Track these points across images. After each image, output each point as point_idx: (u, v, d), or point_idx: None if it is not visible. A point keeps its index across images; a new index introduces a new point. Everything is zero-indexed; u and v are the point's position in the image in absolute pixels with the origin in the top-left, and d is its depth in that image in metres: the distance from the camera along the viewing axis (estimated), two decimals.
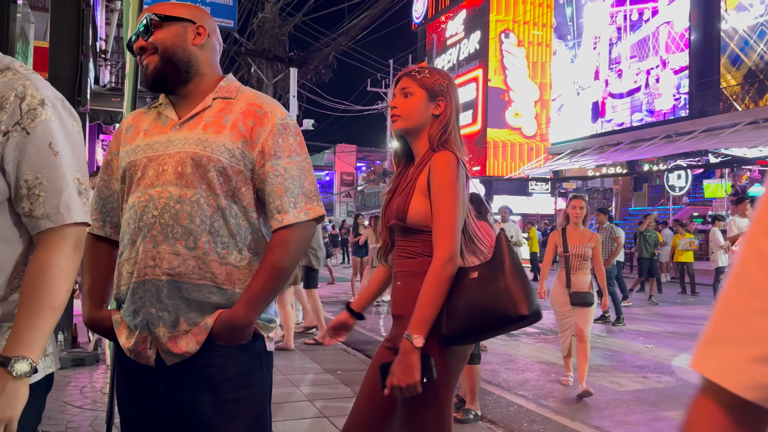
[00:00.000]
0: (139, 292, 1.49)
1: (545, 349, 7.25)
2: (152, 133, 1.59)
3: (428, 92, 1.95)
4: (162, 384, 1.52)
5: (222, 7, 10.52)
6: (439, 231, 1.80)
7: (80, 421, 3.82)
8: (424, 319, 1.74)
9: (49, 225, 1.24)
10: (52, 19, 5.55)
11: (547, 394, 5.24)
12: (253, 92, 1.66)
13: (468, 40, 30.81)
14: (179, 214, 1.48)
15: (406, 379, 1.71)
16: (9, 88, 1.24)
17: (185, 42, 1.58)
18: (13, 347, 1.17)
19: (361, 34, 12.69)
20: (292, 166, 1.56)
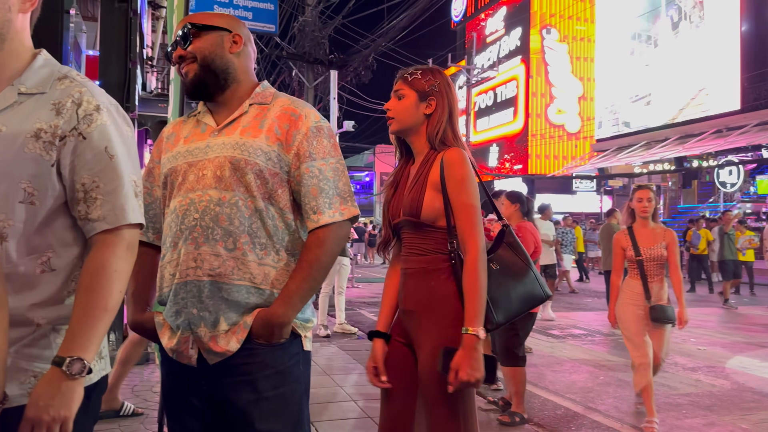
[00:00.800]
0: (181, 293, 1.54)
1: (592, 351, 7.11)
2: (192, 140, 1.64)
3: (418, 93, 2.02)
4: (204, 382, 1.57)
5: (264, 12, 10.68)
6: (468, 224, 1.89)
7: (132, 418, 3.92)
8: (479, 311, 1.82)
9: (105, 226, 1.27)
10: (101, 29, 5.73)
11: (595, 397, 5.13)
12: (287, 97, 1.71)
13: (508, 37, 30.49)
14: (219, 216, 1.53)
15: (475, 374, 1.76)
16: (66, 95, 1.28)
17: (223, 50, 1.64)
18: (68, 347, 1.20)
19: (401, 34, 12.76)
20: (327, 168, 1.61)
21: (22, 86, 1.28)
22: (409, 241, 2.02)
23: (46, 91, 1.29)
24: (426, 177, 1.96)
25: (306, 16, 12.45)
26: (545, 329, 8.32)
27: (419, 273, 1.97)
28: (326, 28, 12.54)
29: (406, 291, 2.01)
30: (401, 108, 2.03)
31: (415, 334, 1.98)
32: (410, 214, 1.96)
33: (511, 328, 4.32)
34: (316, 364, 5.73)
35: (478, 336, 1.80)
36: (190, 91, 1.65)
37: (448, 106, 2.03)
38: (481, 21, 32.84)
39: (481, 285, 1.84)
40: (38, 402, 1.16)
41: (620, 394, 5.20)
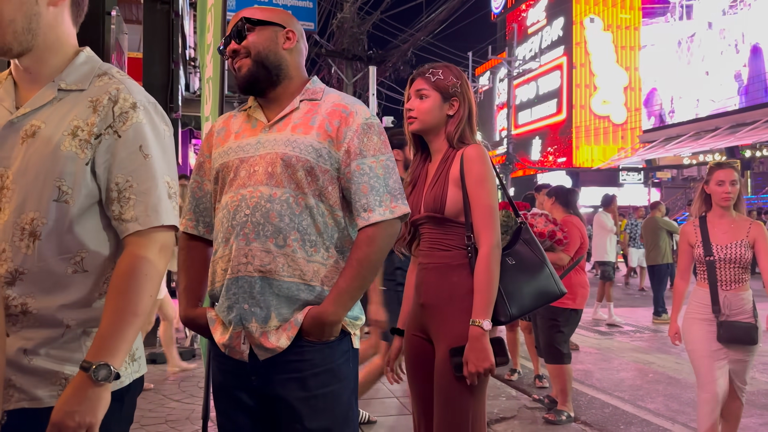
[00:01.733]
0: (233, 288, 1.54)
1: (641, 348, 6.91)
2: (243, 136, 1.64)
3: (442, 94, 2.03)
4: (255, 378, 1.57)
5: (302, 10, 10.76)
6: (483, 219, 1.92)
7: (178, 415, 3.99)
8: (487, 304, 1.87)
9: (137, 228, 1.24)
10: (144, 31, 5.85)
11: (644, 394, 4.99)
12: (338, 93, 1.70)
13: (550, 27, 29.97)
14: (270, 212, 1.53)
15: (483, 364, 1.82)
16: (103, 92, 1.26)
17: (276, 46, 1.63)
18: (95, 353, 1.18)
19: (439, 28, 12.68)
20: (377, 165, 1.59)
21: (63, 82, 1.27)
22: (431, 236, 2.04)
23: (86, 88, 1.27)
24: (447, 174, 1.99)
25: (344, 13, 12.47)
26: (592, 325, 8.14)
27: (442, 268, 2.00)
28: (364, 24, 12.53)
29: (427, 285, 2.03)
30: (425, 108, 2.04)
31: (434, 328, 2.00)
32: (434, 210, 1.98)
33: (555, 325, 4.23)
34: None
35: (483, 327, 1.84)
36: (242, 86, 1.64)
37: (468, 107, 2.06)
38: (522, 12, 32.35)
39: (491, 278, 1.88)
40: (64, 407, 1.15)
41: (671, 392, 5.04)
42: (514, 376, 5.37)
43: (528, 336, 5.28)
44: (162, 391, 4.51)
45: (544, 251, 4.23)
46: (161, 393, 4.46)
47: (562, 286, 2.07)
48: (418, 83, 2.06)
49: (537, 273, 2.03)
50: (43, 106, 1.25)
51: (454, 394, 1.90)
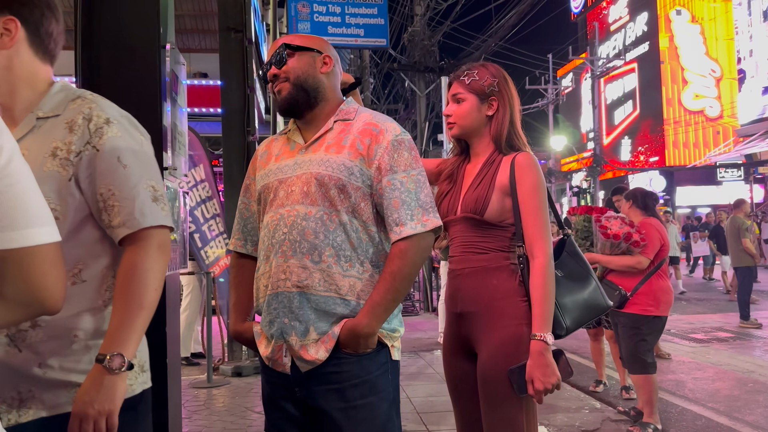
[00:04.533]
0: (274, 303, 1.62)
1: (739, 356, 6.47)
2: (282, 158, 1.74)
3: (478, 95, 1.99)
4: (298, 390, 1.64)
5: (375, 27, 10.92)
6: (537, 230, 1.88)
7: (259, 426, 4.13)
8: (547, 316, 1.83)
9: (126, 231, 1.32)
10: (221, 59, 6.15)
11: (742, 406, 4.66)
12: (370, 112, 1.77)
13: (634, 23, 28.85)
14: (305, 230, 1.60)
15: (550, 380, 1.78)
16: (77, 112, 1.35)
17: (315, 70, 1.72)
18: (108, 345, 1.26)
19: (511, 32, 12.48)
20: (408, 180, 1.64)
21: (40, 111, 1.37)
22: (465, 239, 1.97)
23: (61, 113, 1.36)
24: (492, 178, 1.94)
25: (415, 26, 12.56)
26: (686, 333, 7.71)
27: (479, 272, 1.93)
28: (435, 35, 12.56)
29: (464, 292, 1.95)
30: (462, 113, 2.00)
31: (474, 336, 1.94)
32: (473, 211, 1.93)
33: (637, 334, 4.05)
34: (436, 372, 5.72)
35: (546, 342, 1.80)
36: (282, 109, 1.74)
37: (509, 104, 1.99)
38: (603, 9, 31.34)
39: (548, 290, 1.84)
40: (83, 398, 1.23)
41: None
42: (599, 388, 5.17)
43: (614, 345, 5.07)
44: (245, 403, 4.69)
45: (622, 254, 4.13)
46: (244, 405, 4.64)
47: (608, 300, 2.02)
48: (454, 87, 2.03)
49: (585, 285, 1.99)
50: (25, 135, 1.35)
51: (504, 405, 1.85)
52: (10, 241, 1.01)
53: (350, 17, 10.60)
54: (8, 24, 1.35)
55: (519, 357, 1.83)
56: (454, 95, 2.02)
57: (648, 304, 4.09)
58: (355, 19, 10.70)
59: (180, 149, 2.62)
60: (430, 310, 10.10)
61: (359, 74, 15.39)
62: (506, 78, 2.03)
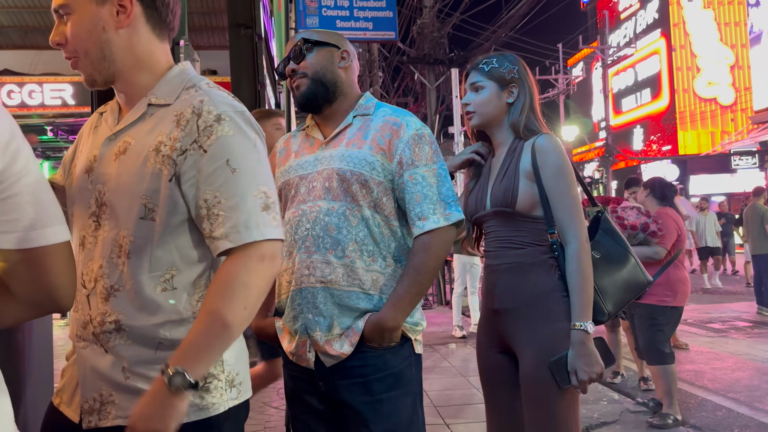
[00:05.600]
0: (297, 299, 1.63)
1: (759, 345, 6.40)
2: (302, 154, 1.74)
3: (498, 82, 1.95)
4: (322, 384, 1.65)
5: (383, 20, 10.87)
6: (569, 212, 1.82)
7: (276, 421, 4.14)
8: (586, 304, 1.77)
9: (228, 245, 1.17)
10: (231, 56, 6.14)
11: (762, 395, 4.61)
12: (389, 107, 1.77)
13: (645, 11, 28.50)
14: (328, 225, 1.61)
15: (594, 369, 1.73)
16: (187, 105, 1.22)
17: (333, 65, 1.73)
18: (176, 358, 1.12)
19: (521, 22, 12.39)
20: (429, 174, 1.65)
21: (153, 97, 1.25)
22: (499, 235, 1.92)
23: (172, 102, 1.24)
24: (516, 166, 1.87)
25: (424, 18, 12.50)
26: (704, 322, 7.63)
27: (515, 268, 1.87)
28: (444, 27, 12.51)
29: (501, 288, 1.89)
30: (482, 101, 1.95)
31: (515, 335, 1.87)
32: (503, 204, 1.87)
33: (654, 324, 4.01)
34: (452, 366, 5.71)
35: (587, 331, 1.75)
36: (301, 104, 1.74)
37: (529, 91, 1.95)
38: None
39: (587, 276, 1.78)
40: (138, 411, 1.12)
41: None
42: (617, 379, 5.14)
43: (630, 336, 5.04)
44: (262, 399, 4.69)
45: (639, 245, 4.08)
46: (261, 400, 4.65)
47: (648, 275, 1.96)
48: (472, 76, 1.98)
49: (624, 264, 1.92)
50: (135, 122, 1.25)
51: (549, 403, 1.78)
52: (29, 240, 1.00)
53: (358, 11, 10.56)
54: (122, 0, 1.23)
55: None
56: (472, 84, 1.98)
57: (665, 294, 4.05)
58: (363, 12, 10.65)
59: None
60: (443, 303, 10.09)
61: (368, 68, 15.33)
62: (525, 66, 2.00)
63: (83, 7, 1.22)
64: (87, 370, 1.23)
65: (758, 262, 8.45)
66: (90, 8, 1.22)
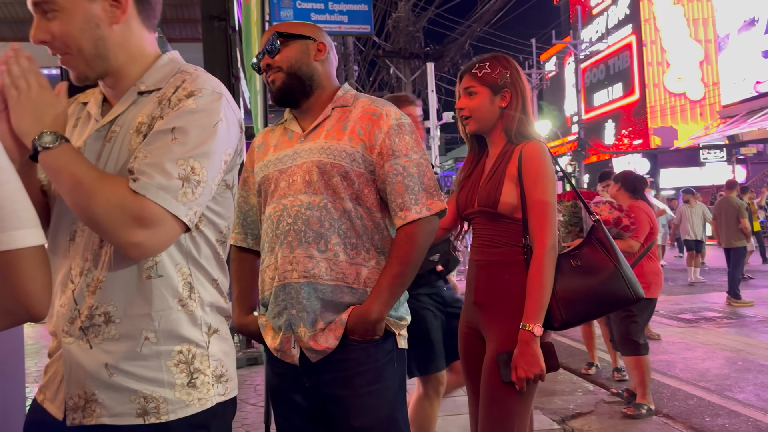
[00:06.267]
0: (281, 295, 1.61)
1: (728, 335, 6.54)
2: (281, 148, 1.71)
3: (491, 88, 1.98)
4: (306, 380, 1.64)
5: (358, 14, 10.81)
6: (540, 219, 1.86)
7: (254, 419, 4.10)
8: (539, 308, 1.82)
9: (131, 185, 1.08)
10: (204, 48, 6.05)
11: (732, 384, 4.72)
12: (368, 98, 1.74)
13: (616, 6, 28.86)
14: (310, 219, 1.59)
15: (533, 369, 1.78)
16: (172, 86, 1.20)
17: (308, 58, 1.70)
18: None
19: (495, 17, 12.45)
20: (410, 164, 1.63)
21: (143, 84, 1.22)
22: (483, 232, 2.00)
23: (162, 86, 1.21)
24: (504, 169, 1.94)
25: (399, 12, 12.48)
26: (675, 313, 7.78)
27: (492, 265, 1.96)
28: (420, 21, 12.50)
29: (478, 282, 1.99)
30: (476, 106, 1.99)
31: (484, 326, 1.97)
32: (487, 204, 1.95)
33: (629, 315, 4.07)
34: None
35: (533, 332, 1.80)
36: (276, 98, 1.72)
37: (521, 96, 1.99)
38: None
39: (544, 282, 1.83)
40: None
41: (762, 380, 4.75)
42: (591, 370, 5.21)
43: (604, 328, 5.11)
44: (239, 396, 4.64)
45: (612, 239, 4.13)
46: (238, 397, 4.59)
47: (640, 290, 1.93)
48: (466, 80, 2.03)
49: (605, 276, 1.90)
50: (123, 112, 1.21)
51: (500, 394, 1.87)
52: None
53: (333, 3, 10.47)
54: None
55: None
56: (466, 88, 2.02)
57: None
58: (338, 5, 10.56)
59: None
60: None
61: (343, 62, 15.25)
62: (518, 69, 2.02)
63: (73, 4, 1.17)
64: (72, 366, 1.18)
65: (730, 254, 8.60)
66: (81, 4, 1.17)
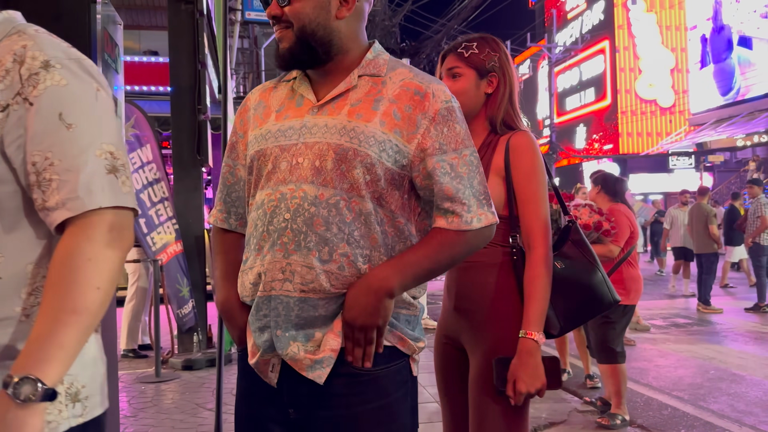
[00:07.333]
0: (264, 309, 1.25)
1: (699, 343, 6.50)
2: (285, 116, 1.31)
3: (478, 71, 1.79)
4: (293, 411, 1.28)
5: None
6: (535, 221, 1.70)
7: (211, 425, 3.86)
8: (540, 314, 1.66)
9: (66, 215, 0.96)
10: (170, 33, 5.76)
11: (706, 394, 4.63)
12: (407, 68, 1.34)
13: (591, 11, 29.13)
14: (314, 218, 1.22)
15: (535, 383, 1.61)
16: (7, 52, 1.00)
17: (328, 16, 1.28)
18: (21, 364, 0.89)
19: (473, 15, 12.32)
20: (460, 162, 1.28)
21: None
22: None
23: None
24: (489, 162, 1.75)
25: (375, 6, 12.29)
26: (645, 319, 7.73)
27: (475, 267, 1.74)
28: (396, 16, 12.34)
29: (459, 287, 1.79)
30: (459, 89, 1.78)
31: (467, 335, 1.77)
32: None
33: (607, 322, 3.94)
34: None
35: (537, 341, 1.63)
36: (281, 64, 1.33)
37: (509, 83, 1.81)
38: None
39: (545, 286, 1.67)
40: None
41: (735, 390, 4.68)
42: (563, 377, 5.08)
43: (577, 333, 4.99)
44: (195, 399, 4.40)
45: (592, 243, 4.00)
46: (195, 401, 4.36)
47: (615, 293, 1.84)
48: (450, 60, 1.82)
49: (589, 279, 1.79)
50: None
51: (493, 412, 1.67)
52: None
53: None
54: None
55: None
56: (449, 69, 1.81)
57: (617, 292, 3.98)
58: None
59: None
60: None
61: None
62: (507, 54, 1.83)
63: None
64: None
65: (700, 260, 8.63)
66: None
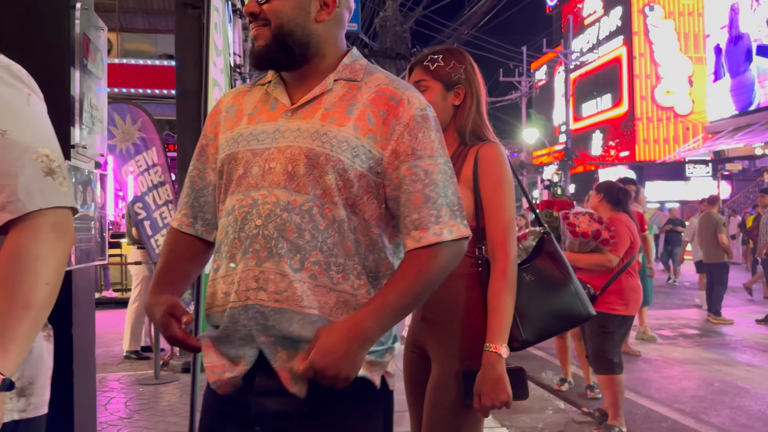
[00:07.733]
0: (242, 319, 1.21)
1: (706, 354, 6.40)
2: (258, 119, 1.30)
3: (444, 83, 1.81)
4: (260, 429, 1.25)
5: None
6: (500, 231, 1.69)
7: None
8: (504, 327, 1.65)
9: (8, 217, 1.00)
10: (176, 37, 5.82)
11: (708, 407, 4.56)
12: (383, 74, 1.35)
13: (608, 17, 28.93)
14: (286, 225, 1.20)
15: (499, 397, 1.61)
16: None
17: (307, 18, 1.27)
18: None
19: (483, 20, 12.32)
20: (435, 170, 1.25)
21: None
22: None
23: None
24: (458, 173, 1.74)
25: (386, 11, 12.32)
26: (654, 329, 7.63)
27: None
28: (407, 22, 12.36)
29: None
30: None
31: (431, 345, 1.78)
32: None
33: (605, 332, 3.90)
34: None
35: (500, 355, 1.62)
36: (256, 63, 1.30)
37: (476, 94, 1.82)
38: (578, 3, 31.40)
39: (507, 298, 1.66)
40: None
41: (739, 403, 4.60)
42: (564, 386, 5.03)
43: (578, 342, 4.94)
44: (169, 406, 4.41)
45: (590, 252, 3.96)
46: (168, 407, 4.36)
47: (590, 307, 1.82)
48: (416, 73, 1.83)
49: (559, 291, 1.79)
50: None
51: (446, 421, 1.67)
52: None
53: None
54: None
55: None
56: (416, 83, 1.81)
57: (616, 302, 3.94)
58: None
59: (95, 125, 2.32)
60: None
61: None
62: (473, 64, 1.85)
63: None
64: None
65: (710, 270, 8.51)
66: None
